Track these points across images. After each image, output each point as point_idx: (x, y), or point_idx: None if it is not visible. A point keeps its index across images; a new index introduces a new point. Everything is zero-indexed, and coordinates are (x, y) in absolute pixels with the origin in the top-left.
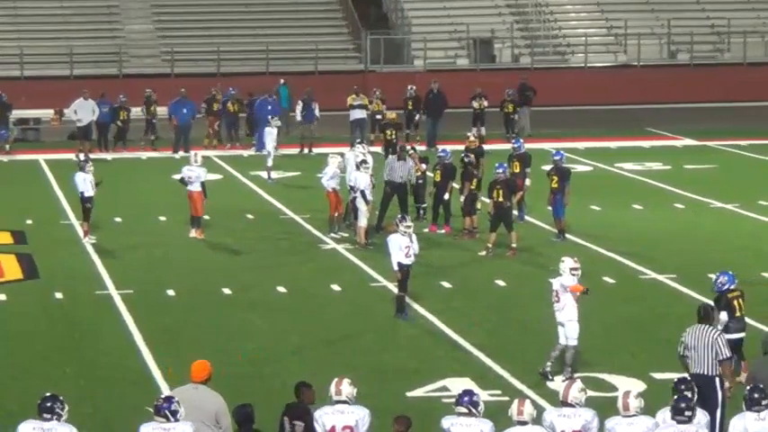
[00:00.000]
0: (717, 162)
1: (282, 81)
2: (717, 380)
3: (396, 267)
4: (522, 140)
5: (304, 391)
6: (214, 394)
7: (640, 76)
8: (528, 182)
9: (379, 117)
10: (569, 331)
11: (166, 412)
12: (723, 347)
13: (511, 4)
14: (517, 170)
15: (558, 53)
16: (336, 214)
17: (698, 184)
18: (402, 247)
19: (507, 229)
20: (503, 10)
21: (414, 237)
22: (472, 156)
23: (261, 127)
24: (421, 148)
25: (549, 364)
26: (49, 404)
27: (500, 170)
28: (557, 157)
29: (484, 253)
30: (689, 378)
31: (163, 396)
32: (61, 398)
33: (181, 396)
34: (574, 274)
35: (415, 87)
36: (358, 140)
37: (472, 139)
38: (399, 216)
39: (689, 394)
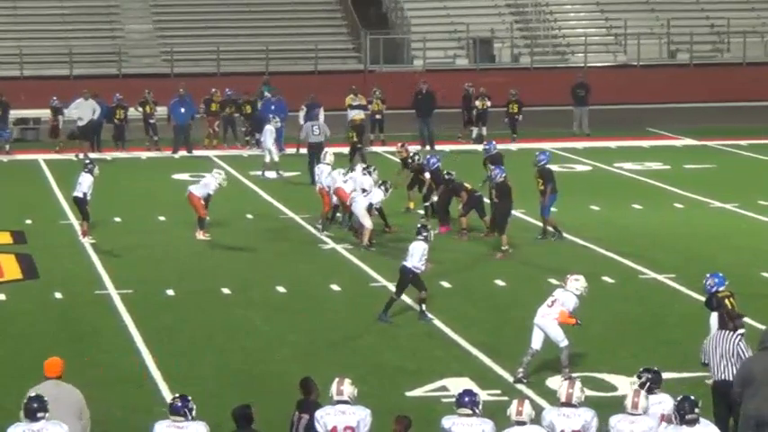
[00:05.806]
0: (716, 162)
1: (265, 79)
2: None
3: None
4: (494, 142)
5: (311, 385)
6: (73, 388)
7: (640, 76)
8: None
9: (378, 117)
10: (554, 335)
11: (185, 410)
12: (745, 352)
13: (511, 3)
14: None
15: (558, 53)
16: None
17: (697, 183)
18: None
19: (499, 232)
20: (502, 10)
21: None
22: (454, 173)
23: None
24: (415, 147)
25: (521, 370)
26: (35, 405)
27: (497, 171)
28: (539, 159)
29: (500, 255)
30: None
31: (178, 395)
32: (45, 397)
33: (46, 393)
34: (577, 294)
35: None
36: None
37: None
38: (420, 225)
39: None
